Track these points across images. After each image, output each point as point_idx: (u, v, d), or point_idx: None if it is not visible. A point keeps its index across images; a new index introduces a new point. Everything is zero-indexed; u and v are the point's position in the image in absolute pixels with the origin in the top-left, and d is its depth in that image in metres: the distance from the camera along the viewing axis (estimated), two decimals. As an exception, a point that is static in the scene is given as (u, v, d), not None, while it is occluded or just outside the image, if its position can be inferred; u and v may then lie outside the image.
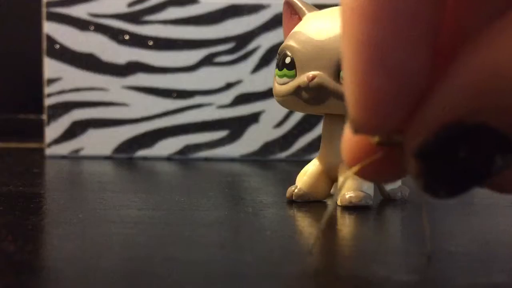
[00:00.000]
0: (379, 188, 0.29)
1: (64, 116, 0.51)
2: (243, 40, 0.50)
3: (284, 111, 0.50)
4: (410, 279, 0.16)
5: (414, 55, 0.12)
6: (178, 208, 0.26)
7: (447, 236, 0.21)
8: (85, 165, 0.46)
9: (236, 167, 0.46)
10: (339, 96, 0.25)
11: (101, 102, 0.51)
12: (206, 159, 0.51)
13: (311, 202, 0.28)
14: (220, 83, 0.51)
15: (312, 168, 0.28)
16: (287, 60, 0.27)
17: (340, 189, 0.27)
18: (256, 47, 0.50)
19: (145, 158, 0.51)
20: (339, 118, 0.27)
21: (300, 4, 0.28)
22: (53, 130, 0.51)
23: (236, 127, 0.51)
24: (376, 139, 0.14)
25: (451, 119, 0.12)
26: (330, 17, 0.27)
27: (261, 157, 0.51)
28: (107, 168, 0.45)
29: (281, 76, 0.27)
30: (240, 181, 0.39)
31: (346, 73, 0.12)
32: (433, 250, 0.19)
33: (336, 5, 0.27)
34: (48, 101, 0.51)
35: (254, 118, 0.51)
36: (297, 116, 0.50)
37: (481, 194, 0.33)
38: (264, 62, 0.50)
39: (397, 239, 0.22)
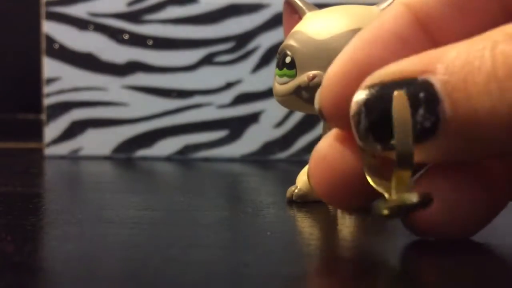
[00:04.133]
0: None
1: (63, 116, 0.51)
2: (243, 39, 0.50)
3: (284, 111, 0.49)
4: (409, 278, 0.16)
5: None
6: (178, 208, 0.26)
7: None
8: (84, 165, 0.46)
9: (236, 167, 0.46)
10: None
11: (100, 102, 0.51)
12: (206, 159, 0.50)
13: (312, 203, 0.28)
14: (220, 83, 0.50)
15: (312, 168, 0.28)
16: (287, 59, 0.27)
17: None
18: (256, 46, 0.50)
19: (144, 158, 0.51)
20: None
21: (300, 3, 0.28)
22: (52, 130, 0.51)
23: (236, 127, 0.51)
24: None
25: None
26: (331, 16, 0.27)
27: (261, 157, 0.51)
28: (106, 168, 0.45)
29: (281, 76, 0.27)
30: (240, 181, 0.39)
31: None
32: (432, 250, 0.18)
33: (336, 4, 0.27)
34: (47, 101, 0.51)
35: (254, 118, 0.51)
36: (297, 116, 0.50)
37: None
38: (264, 61, 0.50)
39: (397, 239, 0.22)
